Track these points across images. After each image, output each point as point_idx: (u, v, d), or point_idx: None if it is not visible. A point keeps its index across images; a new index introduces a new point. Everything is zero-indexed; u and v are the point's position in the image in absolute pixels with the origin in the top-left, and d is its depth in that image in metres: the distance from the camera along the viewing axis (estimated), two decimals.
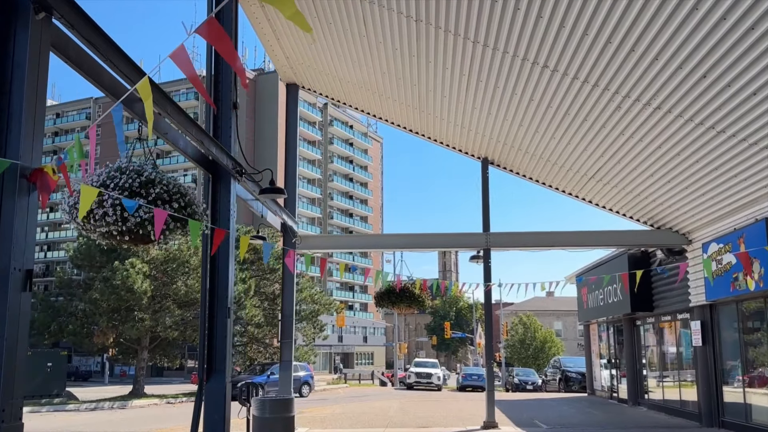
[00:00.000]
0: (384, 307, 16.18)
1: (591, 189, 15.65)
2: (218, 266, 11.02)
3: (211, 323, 10.91)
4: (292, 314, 16.34)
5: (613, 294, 20.30)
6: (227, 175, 11.11)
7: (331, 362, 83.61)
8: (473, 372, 42.97)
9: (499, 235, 16.21)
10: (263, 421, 11.17)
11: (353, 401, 26.50)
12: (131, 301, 29.31)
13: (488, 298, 16.00)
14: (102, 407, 27.09)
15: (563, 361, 30.53)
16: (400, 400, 24.22)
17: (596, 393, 25.43)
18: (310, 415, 19.31)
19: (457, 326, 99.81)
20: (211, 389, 10.70)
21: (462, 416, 18.18)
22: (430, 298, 16.17)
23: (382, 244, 16.42)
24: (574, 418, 18.02)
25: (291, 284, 16.45)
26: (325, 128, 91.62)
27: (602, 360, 24.38)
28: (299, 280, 37.63)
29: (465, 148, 16.69)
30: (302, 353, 39.06)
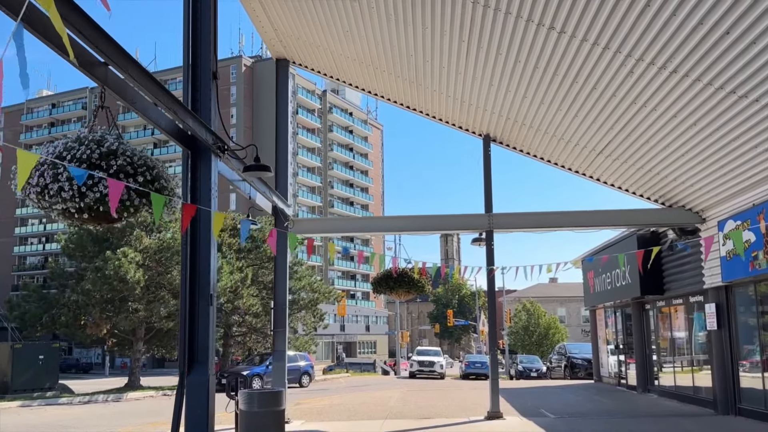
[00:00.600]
0: (382, 292, 15.41)
1: (599, 165, 14.79)
2: (199, 250, 10.20)
3: (192, 312, 10.11)
4: (285, 302, 15.56)
5: (621, 277, 19.48)
6: (207, 152, 10.27)
7: (333, 351, 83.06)
8: (476, 360, 42.30)
9: (502, 216, 15.37)
10: (251, 416, 10.39)
11: (353, 391, 25.78)
12: (124, 292, 28.56)
13: (491, 283, 15.19)
14: (96, 400, 26.40)
15: (568, 347, 29.76)
16: (401, 390, 23.48)
17: (603, 380, 24.68)
18: (307, 406, 18.56)
19: (460, 314, 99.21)
20: (193, 382, 9.91)
21: (465, 406, 17.42)
22: (429, 283, 15.38)
23: (378, 227, 15.63)
24: (581, 406, 17.26)
25: (284, 271, 15.66)
26: (324, 116, 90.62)
27: (609, 346, 23.60)
28: (298, 269, 36.88)
29: (466, 125, 15.83)
30: (302, 342, 38.39)
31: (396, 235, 15.94)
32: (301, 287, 35.20)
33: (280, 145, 15.86)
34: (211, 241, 10.08)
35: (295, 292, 35.31)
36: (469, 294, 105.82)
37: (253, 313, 33.80)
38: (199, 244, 10.14)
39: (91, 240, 30.69)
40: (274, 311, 15.49)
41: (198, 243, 10.14)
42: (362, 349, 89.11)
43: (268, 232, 16.45)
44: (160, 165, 7.87)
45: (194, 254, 10.13)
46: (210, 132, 9.95)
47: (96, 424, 17.27)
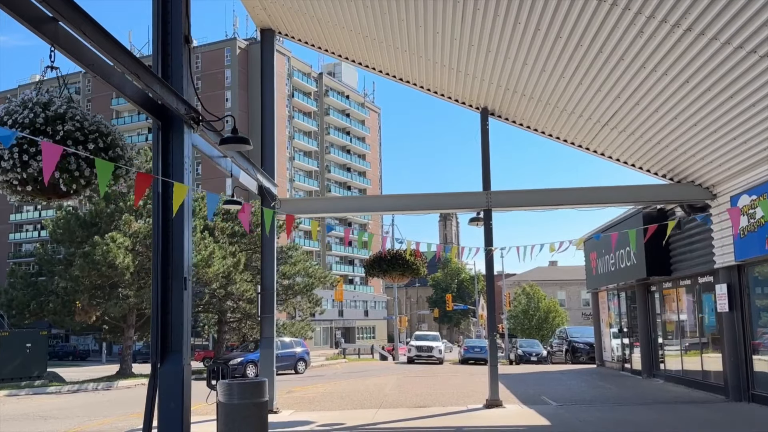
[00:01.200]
0: (375, 276, 14.62)
1: (604, 139, 13.95)
2: (172, 229, 9.37)
3: (165, 296, 9.30)
4: (273, 287, 14.77)
5: (625, 258, 18.68)
6: (179, 123, 9.41)
7: (332, 337, 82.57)
8: (476, 344, 41.61)
9: (501, 193, 14.54)
10: (231, 408, 9.60)
11: (349, 378, 25.09)
12: (113, 278, 27.77)
13: (489, 265, 14.39)
14: (86, 389, 25.70)
15: (570, 331, 29.02)
16: (397, 376, 22.77)
17: (606, 364, 23.96)
18: (299, 394, 17.84)
19: (459, 298, 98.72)
20: (166, 373, 9.12)
21: (463, 393, 16.69)
22: (425, 265, 14.59)
23: (372, 206, 14.81)
24: (585, 393, 16.52)
25: (271, 254, 14.87)
26: (321, 99, 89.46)
27: (612, 329, 22.87)
28: (293, 254, 36.09)
29: (462, 98, 14.96)
30: (298, 328, 37.68)
31: (390, 214, 15.09)
32: (296, 272, 34.40)
33: (266, 122, 15.00)
34: (185, 219, 9.26)
35: (290, 276, 34.54)
36: (469, 278, 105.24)
37: (247, 299, 33.03)
38: (171, 222, 9.33)
39: (79, 225, 29.84)
40: (261, 296, 14.71)
41: (170, 221, 9.33)
42: (361, 335, 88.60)
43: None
44: (118, 133, 7.03)
45: (166, 233, 9.32)
46: (182, 101, 9.09)
47: (78, 414, 16.54)
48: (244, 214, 7.48)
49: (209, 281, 30.20)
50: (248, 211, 7.62)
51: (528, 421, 12.20)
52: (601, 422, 11.82)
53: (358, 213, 14.96)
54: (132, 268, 27.50)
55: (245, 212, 7.50)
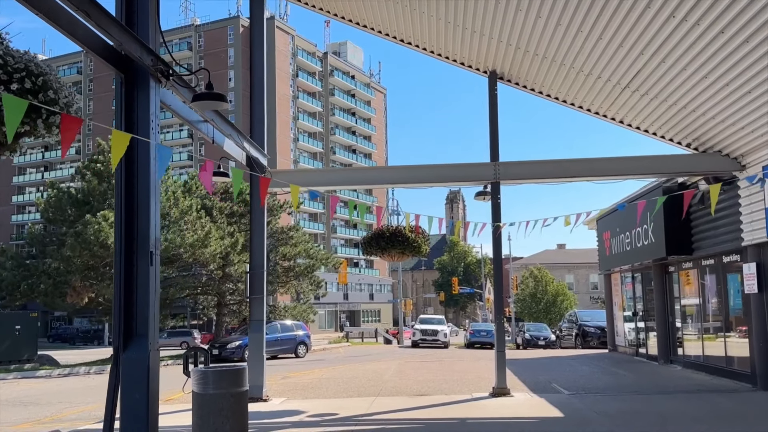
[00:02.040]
0: (373, 254, 13.49)
1: (623, 104, 12.72)
2: (137, 196, 8.29)
3: (130, 273, 8.22)
4: (263, 265, 13.69)
5: (642, 237, 17.49)
6: (145, 75, 8.28)
7: (336, 320, 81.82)
8: (482, 328, 40.67)
9: (510, 164, 13.36)
10: (205, 399, 8.55)
11: (350, 362, 24.10)
12: (106, 258, 26.79)
13: (497, 242, 13.25)
14: (77, 373, 24.83)
15: (580, 314, 27.89)
16: (399, 361, 21.74)
17: (618, 349, 22.86)
18: (294, 380, 16.83)
19: (466, 282, 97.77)
20: (129, 360, 8.08)
21: (468, 380, 15.63)
22: (427, 243, 13.44)
23: (370, 179, 13.67)
24: (598, 380, 15.43)
25: (260, 230, 13.78)
26: (326, 79, 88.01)
27: (625, 312, 21.73)
28: (293, 234, 35.03)
29: (470, 61, 13.73)
30: (300, 311, 36.72)
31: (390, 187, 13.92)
32: (297, 253, 33.36)
33: (256, 89, 13.84)
34: (151, 185, 8.18)
35: (290, 258, 33.51)
36: (475, 261, 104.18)
37: (245, 280, 32.03)
38: (137, 189, 8.25)
39: (71, 203, 28.87)
40: (249, 276, 13.63)
41: (136, 188, 8.25)
42: (366, 318, 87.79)
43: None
44: (55, 75, 5.91)
45: (131, 202, 8.23)
46: (147, 50, 7.95)
47: (61, 399, 15.59)
48: (206, 173, 6.35)
49: (206, 262, 29.22)
50: (211, 169, 6.50)
51: (538, 411, 11.12)
52: (619, 413, 10.73)
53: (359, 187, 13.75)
54: None
55: (207, 172, 6.37)
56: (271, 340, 30.03)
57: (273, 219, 33.53)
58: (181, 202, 27.95)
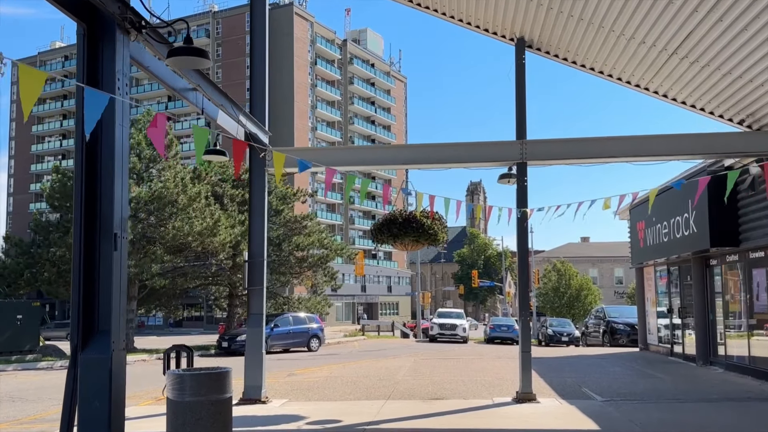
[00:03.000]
0: (383, 242, 12.13)
1: (669, 74, 11.23)
2: (100, 169, 7.05)
3: (91, 257, 6.97)
4: (263, 254, 12.43)
5: (683, 226, 15.96)
6: (111, 26, 7.00)
7: (354, 312, 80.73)
8: (502, 323, 39.29)
9: (539, 143, 11.94)
10: (181, 408, 7.28)
11: (363, 358, 22.83)
12: None
13: (523, 230, 11.85)
14: None
15: (607, 310, 26.35)
16: (415, 358, 20.41)
17: (650, 348, 21.35)
18: (300, 378, 15.59)
19: (486, 275, 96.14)
20: (89, 361, 6.84)
21: (488, 381, 14.25)
22: (444, 230, 12.07)
23: (382, 158, 12.33)
24: (633, 384, 13.98)
25: (260, 215, 12.52)
26: (345, 67, 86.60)
27: (659, 309, 20.19)
28: (307, 223, 33.80)
29: (494, 26, 12.28)
30: (314, 303, 35.54)
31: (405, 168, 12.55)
32: (310, 243, 32.12)
33: (257, 58, 12.53)
34: (117, 153, 6.93)
35: (304, 248, 32.28)
36: (496, 254, 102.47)
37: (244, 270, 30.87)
38: (99, 158, 7.00)
39: None
40: (248, 264, 12.36)
41: (98, 157, 7.00)
42: (384, 311, 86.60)
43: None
44: None
45: (92, 173, 6.99)
46: None
47: (51, 395, 14.54)
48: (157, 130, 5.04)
49: (216, 251, 28.09)
50: (162, 126, 5.18)
51: (569, 422, 9.73)
52: (662, 425, 9.33)
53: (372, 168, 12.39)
54: (131, 235, 25.42)
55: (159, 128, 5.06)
56: (282, 333, 28.91)
57: (285, 207, 32.32)
58: (189, 188, 26.81)
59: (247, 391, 11.87)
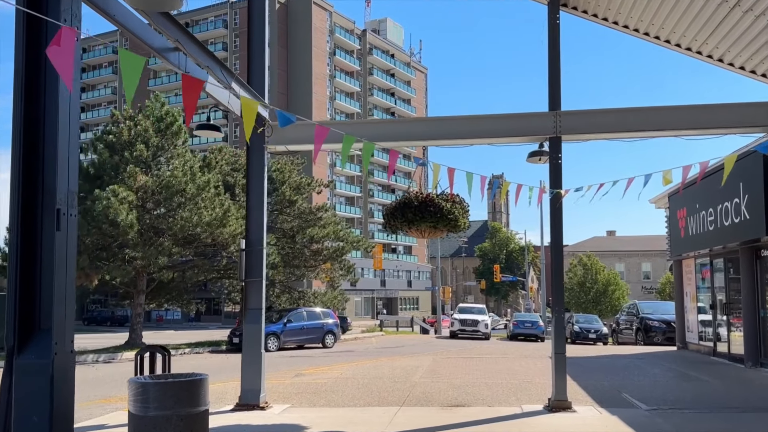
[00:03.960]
0: (397, 228, 10.70)
1: (727, 33, 9.66)
2: (43, 129, 5.76)
3: (29, 240, 5.68)
4: (262, 241, 11.07)
5: (732, 213, 14.35)
6: None
7: (373, 307, 79.46)
8: (526, 319, 37.78)
9: (575, 115, 10.44)
10: (144, 424, 5.96)
11: (379, 355, 21.49)
12: (117, 237, 24.64)
13: (556, 215, 10.37)
14: (84, 361, 22.80)
15: (641, 306, 24.70)
16: (434, 356, 18.99)
17: (689, 346, 19.73)
18: (308, 379, 14.26)
19: (508, 270, 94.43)
20: (25, 367, 5.53)
21: (515, 385, 12.79)
22: (466, 215, 10.61)
23: (396, 133, 10.86)
24: (678, 388, 12.45)
25: (259, 196, 11.16)
26: (364, 58, 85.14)
27: (701, 304, 18.56)
28: (322, 215, 32.47)
29: None
30: (331, 298, 34.24)
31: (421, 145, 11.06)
32: (325, 235, 30.80)
33: (255, 22, 11.15)
34: (62, 108, 5.63)
35: (318, 240, 30.98)
36: (518, 249, 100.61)
37: (270, 264, 29.60)
38: (42, 114, 5.70)
39: (83, 176, 26.78)
40: (245, 255, 11.01)
41: (41, 111, 5.70)
42: (404, 306, 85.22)
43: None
44: None
45: (33, 136, 5.70)
46: None
47: None
48: (61, 50, 3.67)
49: (226, 243, 26.85)
50: (70, 47, 3.81)
51: None
52: None
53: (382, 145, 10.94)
54: (136, 226, 24.27)
55: (64, 49, 3.69)
56: (295, 328, 27.65)
57: (300, 198, 31.02)
58: (198, 177, 25.59)
59: (244, 395, 10.55)
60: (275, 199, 31.20)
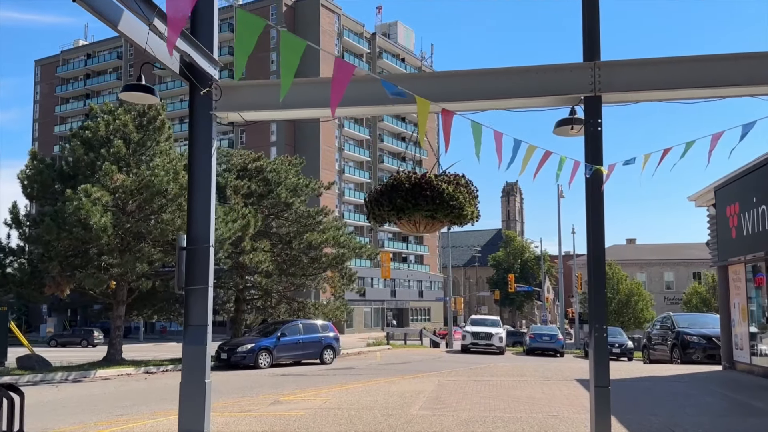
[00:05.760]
0: (382, 219, 8.13)
1: None
2: None
3: None
4: (210, 238, 8.50)
5: None
6: None
7: (383, 318, 76.72)
8: (544, 332, 35.12)
9: (620, 66, 7.84)
10: None
11: (379, 375, 18.89)
12: (89, 241, 22.24)
13: (596, 197, 7.76)
14: (51, 380, 20.42)
15: (677, 319, 21.85)
16: (440, 378, 16.32)
17: (736, 366, 16.97)
18: (282, 409, 11.68)
19: (523, 279, 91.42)
20: None
21: (537, 420, 10.09)
22: (474, 202, 8.05)
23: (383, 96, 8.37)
24: (746, 425, 9.73)
25: (205, 181, 8.60)
26: (374, 61, 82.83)
27: (754, 318, 15.79)
28: (322, 219, 29.94)
29: None
30: (332, 309, 31.64)
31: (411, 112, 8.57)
32: (324, 241, 28.24)
33: None
34: None
35: (316, 247, 28.42)
36: (533, 258, 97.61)
37: (264, 272, 27.11)
38: None
39: (56, 175, 24.48)
40: (184, 255, 8.44)
41: None
42: (414, 317, 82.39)
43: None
44: None
45: None
46: None
47: None
48: None
49: (215, 250, 24.35)
50: None
51: None
52: None
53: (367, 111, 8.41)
54: (110, 230, 21.84)
55: None
56: (290, 343, 25.10)
57: (296, 200, 28.51)
58: (181, 176, 23.16)
59: None
60: (270, 201, 28.73)
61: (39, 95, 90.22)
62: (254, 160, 29.39)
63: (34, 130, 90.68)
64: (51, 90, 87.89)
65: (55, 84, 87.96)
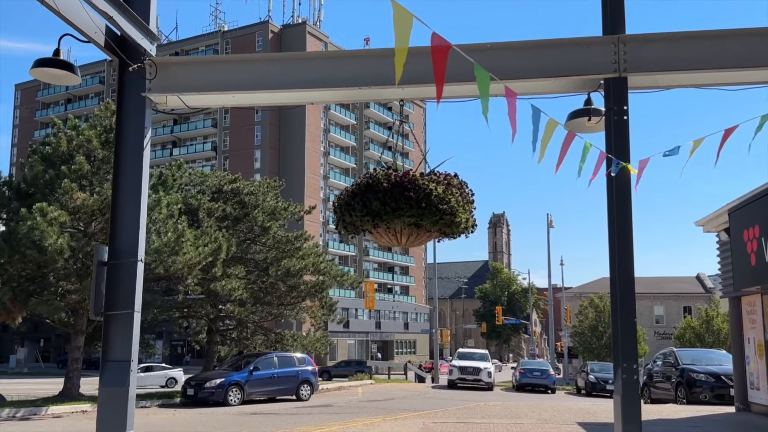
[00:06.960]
0: (357, 228, 6.54)
1: None
2: None
3: None
4: (138, 250, 6.82)
5: None
6: None
7: (367, 350, 74.51)
8: (534, 367, 33.43)
9: (650, 41, 6.34)
10: None
11: (356, 415, 17.08)
12: (45, 265, 20.39)
13: (623, 196, 6.20)
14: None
15: (680, 355, 20.20)
16: (425, 420, 14.52)
17: (752, 408, 15.30)
18: None
19: (510, 312, 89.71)
20: None
21: None
22: (469, 208, 6.48)
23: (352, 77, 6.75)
24: None
25: (134, 181, 6.95)
26: None
27: None
28: (302, 245, 28.23)
29: None
30: (311, 341, 29.80)
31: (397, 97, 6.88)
32: (303, 267, 26.49)
33: None
34: None
35: (295, 274, 26.67)
36: (520, 290, 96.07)
37: (237, 300, 25.28)
38: None
39: (14, 194, 22.70)
40: (104, 272, 6.75)
41: None
42: (400, 349, 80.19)
43: None
44: None
45: None
46: None
47: None
48: None
49: (181, 275, 22.55)
50: None
51: None
52: None
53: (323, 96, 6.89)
54: (67, 252, 20.02)
55: None
56: (263, 378, 23.18)
57: (274, 224, 26.81)
58: (149, 195, 21.44)
59: None
60: (246, 225, 27.03)
61: (18, 119, 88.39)
62: (230, 182, 27.75)
63: (12, 155, 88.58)
64: (31, 114, 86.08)
65: (35, 108, 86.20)
